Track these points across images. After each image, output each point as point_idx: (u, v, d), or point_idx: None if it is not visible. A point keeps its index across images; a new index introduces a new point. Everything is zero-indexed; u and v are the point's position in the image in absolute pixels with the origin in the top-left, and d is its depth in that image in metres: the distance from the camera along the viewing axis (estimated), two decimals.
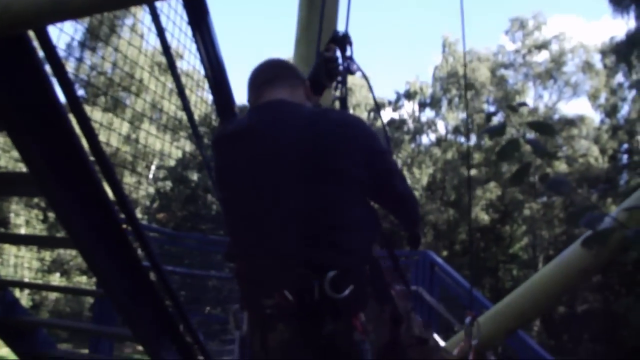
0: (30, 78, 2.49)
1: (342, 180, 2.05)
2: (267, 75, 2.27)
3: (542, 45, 34.80)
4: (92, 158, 2.82)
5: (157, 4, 3.74)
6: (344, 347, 2.02)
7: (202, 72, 4.31)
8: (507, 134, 1.75)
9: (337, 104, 2.86)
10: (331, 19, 4.26)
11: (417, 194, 31.04)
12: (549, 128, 1.73)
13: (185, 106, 4.07)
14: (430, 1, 54.76)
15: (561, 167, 31.75)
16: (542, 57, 35.13)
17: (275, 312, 2.03)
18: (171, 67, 3.88)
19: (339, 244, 2.04)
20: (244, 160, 2.12)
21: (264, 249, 2.09)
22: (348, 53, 2.90)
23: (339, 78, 2.87)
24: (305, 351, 2.03)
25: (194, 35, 4.20)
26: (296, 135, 2.03)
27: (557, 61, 34.54)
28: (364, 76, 2.97)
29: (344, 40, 2.90)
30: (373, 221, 2.21)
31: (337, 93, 2.87)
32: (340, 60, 2.86)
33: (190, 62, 4.50)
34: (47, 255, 23.91)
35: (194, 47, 4.23)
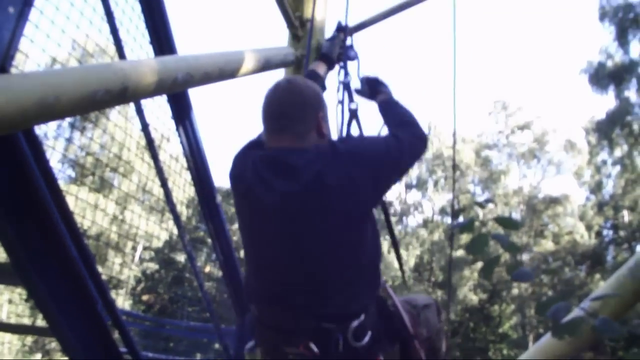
0: (13, 172, 2.55)
1: (352, 223, 2.09)
2: (277, 124, 2.22)
3: (525, 126, 35.45)
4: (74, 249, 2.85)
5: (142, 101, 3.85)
6: None
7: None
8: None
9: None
10: None
11: (407, 275, 30.92)
12: (514, 223, 1.81)
13: (168, 198, 4.14)
14: (416, 85, 56.08)
15: (547, 244, 31.84)
16: (525, 137, 35.76)
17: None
18: (154, 159, 3.97)
19: (355, 295, 2.12)
20: (256, 213, 2.16)
21: (283, 299, 2.12)
22: (348, 42, 3.23)
23: (341, 63, 3.13)
24: None
25: (177, 129, 4.32)
26: (302, 189, 2.03)
27: (540, 140, 35.12)
28: (358, 65, 3.20)
29: (345, 30, 3.22)
30: (379, 261, 2.28)
31: (341, 78, 3.14)
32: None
33: (176, 148, 4.62)
34: (29, 336, 23.40)
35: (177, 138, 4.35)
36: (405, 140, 2.29)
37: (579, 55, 64.21)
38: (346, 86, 3.12)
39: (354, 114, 3.06)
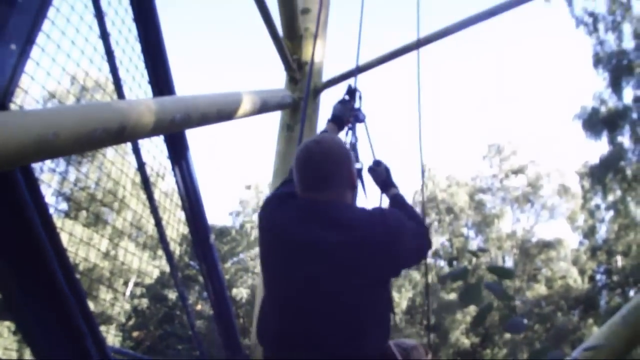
0: (8, 207, 2.55)
1: (382, 281, 2.26)
2: (315, 186, 2.32)
3: (519, 170, 35.59)
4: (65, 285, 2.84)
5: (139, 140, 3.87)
6: None
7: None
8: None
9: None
10: None
11: (397, 318, 30.71)
12: (507, 272, 1.82)
13: (162, 237, 4.13)
14: (410, 131, 56.40)
15: (541, 289, 31.73)
16: (519, 181, 35.86)
17: None
18: (149, 199, 3.97)
19: (373, 342, 2.21)
20: (299, 259, 2.20)
21: (303, 342, 2.15)
22: (357, 105, 3.29)
23: (350, 125, 3.22)
24: None
25: (173, 169, 4.33)
26: (351, 241, 2.14)
27: (534, 185, 35.22)
28: (366, 128, 3.30)
29: (354, 93, 3.30)
30: (390, 316, 2.35)
31: (349, 139, 3.22)
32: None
33: (171, 186, 4.62)
34: None
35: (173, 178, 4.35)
36: (425, 234, 2.51)
37: (573, 101, 64.76)
38: (353, 147, 3.22)
39: (358, 174, 3.12)
